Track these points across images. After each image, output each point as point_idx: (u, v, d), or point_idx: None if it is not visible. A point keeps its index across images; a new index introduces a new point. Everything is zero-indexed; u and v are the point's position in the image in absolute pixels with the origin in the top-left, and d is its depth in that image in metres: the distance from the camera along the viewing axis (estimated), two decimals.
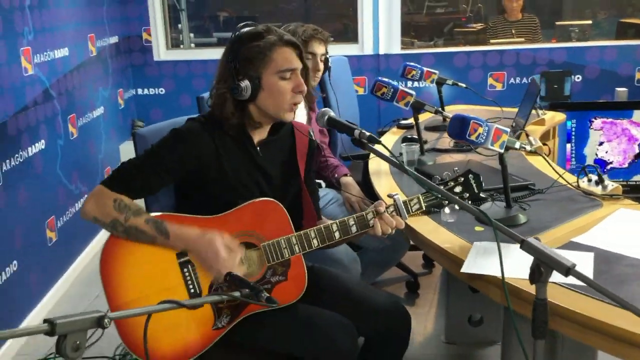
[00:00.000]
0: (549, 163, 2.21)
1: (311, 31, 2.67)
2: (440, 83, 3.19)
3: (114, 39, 4.54)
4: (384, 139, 3.15)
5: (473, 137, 1.84)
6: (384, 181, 2.43)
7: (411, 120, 3.07)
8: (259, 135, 1.89)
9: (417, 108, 2.60)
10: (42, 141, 3.31)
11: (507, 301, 1.43)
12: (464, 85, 3.25)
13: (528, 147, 1.99)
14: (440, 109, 2.64)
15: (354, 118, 3.56)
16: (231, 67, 1.77)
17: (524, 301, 1.52)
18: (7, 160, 2.93)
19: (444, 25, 5.53)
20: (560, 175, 2.19)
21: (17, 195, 3.00)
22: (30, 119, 3.17)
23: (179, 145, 1.75)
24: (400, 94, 2.58)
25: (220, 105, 1.79)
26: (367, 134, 1.67)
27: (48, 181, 3.31)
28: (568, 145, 3.62)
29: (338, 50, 4.93)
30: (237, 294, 1.43)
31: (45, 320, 1.03)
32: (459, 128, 1.84)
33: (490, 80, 4.90)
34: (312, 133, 2.01)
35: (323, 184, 2.86)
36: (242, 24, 1.83)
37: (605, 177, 2.16)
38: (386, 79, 2.64)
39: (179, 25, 5.29)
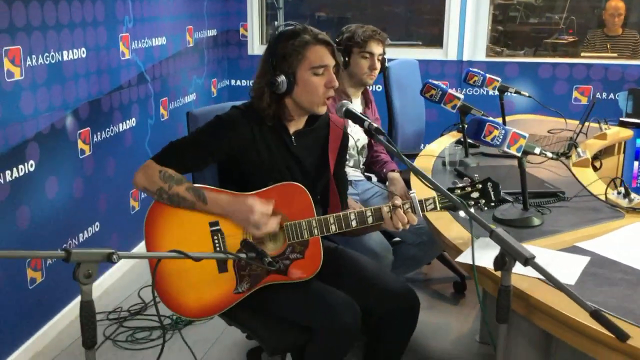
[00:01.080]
0: (572, 174, 2.27)
1: (370, 32, 2.84)
2: (502, 91, 3.26)
3: (212, 32, 4.90)
4: (441, 140, 3.27)
5: (488, 139, 1.95)
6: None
7: None
8: (295, 126, 2.09)
9: (464, 112, 2.70)
10: (134, 119, 3.69)
11: (477, 288, 1.55)
12: (526, 94, 3.30)
13: (549, 154, 2.07)
14: (485, 113, 2.72)
15: (417, 119, 3.69)
16: (269, 63, 1.98)
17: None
18: (99, 132, 3.31)
19: (536, 36, 5.50)
20: (584, 187, 2.24)
21: (106, 165, 3.38)
22: (123, 98, 3.55)
23: (219, 130, 1.99)
24: (448, 97, 2.71)
25: (259, 98, 2.00)
26: (375, 125, 1.83)
27: (136, 155, 3.68)
28: (636, 163, 3.58)
29: (422, 55, 5.06)
30: (243, 255, 1.66)
31: (62, 249, 1.29)
32: (475, 129, 1.96)
33: (575, 94, 4.84)
34: (346, 127, 2.18)
35: (374, 178, 3.03)
36: (282, 23, 2.05)
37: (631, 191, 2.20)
38: (436, 82, 2.76)
39: (275, 22, 5.59)
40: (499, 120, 3.38)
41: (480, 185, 1.95)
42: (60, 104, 2.94)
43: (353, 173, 2.90)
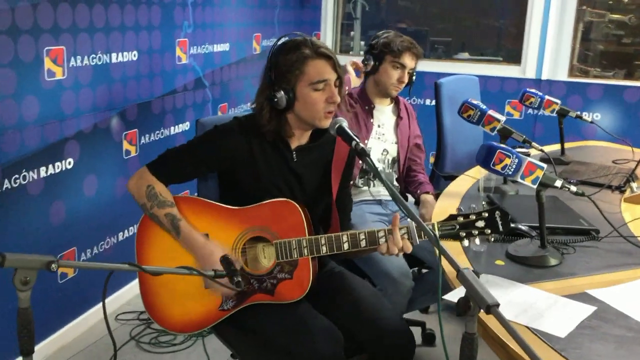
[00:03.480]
0: (603, 215, 2.03)
1: (408, 44, 2.71)
2: (562, 114, 3.02)
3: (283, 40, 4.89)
4: None
5: (498, 167, 1.79)
6: (446, 202, 2.41)
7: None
8: (298, 141, 2.00)
9: (505, 135, 2.52)
10: (187, 123, 3.73)
11: (441, 331, 1.40)
12: (589, 119, 3.04)
13: (573, 189, 1.87)
14: (527, 138, 2.52)
15: (473, 140, 3.49)
16: (269, 77, 1.91)
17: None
18: (147, 134, 3.37)
19: (628, 56, 5.10)
20: (615, 229, 2.00)
21: None
22: (177, 102, 3.59)
23: (215, 140, 1.94)
24: (487, 118, 2.53)
25: (260, 112, 1.94)
26: (361, 146, 1.72)
27: None
28: None
29: (499, 72, 4.83)
30: (210, 273, 1.59)
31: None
32: (484, 156, 1.80)
33: None
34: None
35: (411, 199, 2.89)
36: (283, 35, 1.97)
37: None
38: (476, 102, 2.59)
39: (352, 33, 5.52)
40: (558, 145, 3.17)
41: (487, 214, 1.79)
42: (105, 105, 3.01)
43: (384, 192, 2.78)
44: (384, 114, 2.82)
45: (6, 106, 2.46)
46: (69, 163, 2.83)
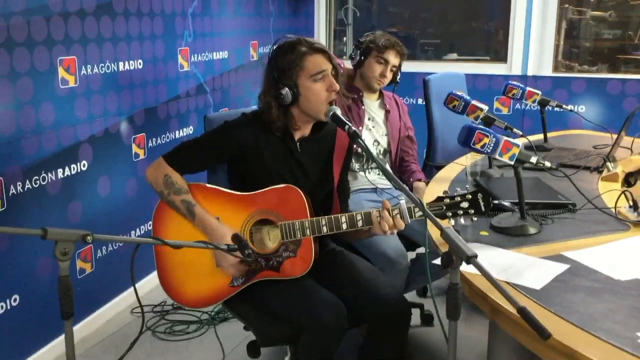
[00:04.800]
0: (576, 188, 2.23)
1: (393, 42, 2.93)
2: (543, 104, 3.22)
3: None
4: None
5: (478, 146, 1.98)
6: (436, 186, 2.60)
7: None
8: (301, 133, 2.20)
9: (488, 123, 2.71)
10: (191, 127, 3.93)
11: (429, 288, 1.59)
12: (569, 108, 3.24)
13: (547, 164, 2.06)
14: (509, 125, 2.71)
15: (458, 129, 3.68)
16: (272, 77, 2.11)
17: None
18: (154, 138, 3.57)
19: (609, 52, 5.32)
20: (589, 201, 2.20)
21: None
22: (180, 107, 3.79)
23: (225, 134, 2.14)
24: (471, 108, 2.73)
25: (267, 111, 2.13)
26: (353, 129, 1.91)
27: None
28: None
29: (486, 70, 5.04)
30: (223, 246, 1.78)
31: (41, 228, 1.46)
32: (465, 136, 2.00)
33: None
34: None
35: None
36: (278, 38, 2.17)
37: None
38: (460, 93, 2.79)
39: (344, 38, 5.74)
40: (541, 134, 3.37)
41: (470, 196, 1.98)
42: (114, 110, 3.21)
43: (380, 180, 2.97)
44: (373, 107, 3.03)
45: (25, 112, 2.65)
46: (84, 165, 3.02)
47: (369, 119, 3.00)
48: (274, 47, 2.14)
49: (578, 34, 5.36)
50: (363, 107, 2.99)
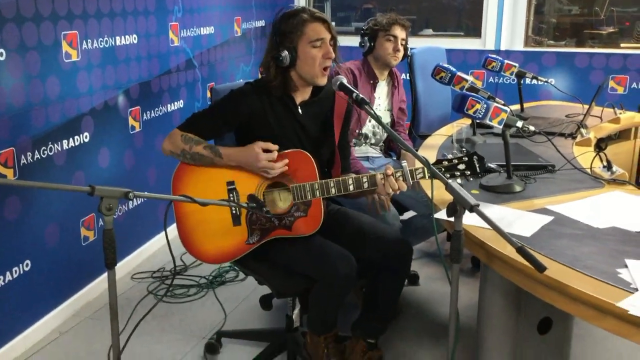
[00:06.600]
0: (557, 150, 2.46)
1: (394, 18, 3.11)
2: (519, 76, 3.44)
3: (260, 23, 5.23)
4: (460, 121, 3.48)
5: (470, 112, 2.18)
6: (425, 153, 2.80)
7: None
8: (302, 97, 2.37)
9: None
10: (181, 101, 4.05)
11: (436, 238, 1.79)
12: (543, 79, 3.47)
13: (532, 128, 2.27)
14: (491, 95, 2.92)
15: (443, 104, 3.90)
16: (274, 40, 2.27)
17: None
18: (148, 111, 3.69)
19: (576, 27, 5.58)
20: (568, 161, 2.43)
21: (154, 141, 3.74)
22: (172, 82, 3.91)
23: (232, 101, 2.30)
24: (457, 79, 2.93)
25: (267, 71, 2.30)
26: (361, 96, 2.09)
27: None
28: None
29: (461, 45, 5.25)
30: (244, 204, 1.96)
31: (89, 185, 1.61)
32: (459, 103, 2.19)
33: (612, 83, 4.92)
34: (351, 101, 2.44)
35: (394, 156, 3.29)
36: (282, 7, 2.33)
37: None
38: (447, 65, 2.99)
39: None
40: (518, 105, 3.59)
41: (467, 159, 2.17)
42: (113, 84, 3.32)
43: (372, 150, 3.16)
44: (382, 86, 3.22)
45: (34, 85, 2.76)
46: (86, 137, 3.14)
47: (377, 97, 3.19)
48: (279, 14, 2.30)
49: (547, 11, 5.60)
50: (374, 94, 3.17)
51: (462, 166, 2.17)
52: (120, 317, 1.81)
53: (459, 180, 2.22)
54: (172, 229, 2.30)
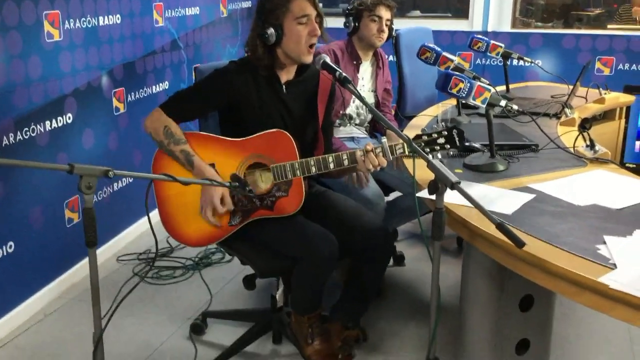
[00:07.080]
0: (540, 129, 2.47)
1: None
2: (505, 57, 3.43)
3: (247, 4, 5.19)
4: (445, 102, 3.48)
5: (454, 91, 2.18)
6: (410, 132, 2.79)
7: None
8: (286, 76, 2.36)
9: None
10: (167, 82, 4.02)
11: (418, 216, 1.80)
12: (529, 60, 3.46)
13: (515, 107, 2.27)
14: (477, 75, 2.91)
15: (430, 85, 3.88)
16: (260, 18, 2.25)
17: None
18: (133, 93, 3.66)
19: (565, 7, 5.59)
20: (552, 140, 2.44)
21: (139, 122, 3.70)
22: (157, 63, 3.88)
23: (216, 80, 2.28)
24: (442, 59, 2.92)
25: (254, 50, 2.28)
26: (344, 75, 2.08)
27: None
28: None
29: (449, 26, 5.23)
30: (226, 183, 1.94)
31: (68, 164, 1.60)
32: (443, 82, 2.19)
33: (598, 65, 4.93)
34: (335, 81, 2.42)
35: (379, 136, 3.28)
36: None
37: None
38: (432, 45, 2.98)
39: None
40: (504, 86, 3.59)
41: (447, 133, 2.17)
42: (96, 65, 3.29)
43: (356, 131, 3.16)
44: (367, 66, 3.20)
45: (15, 65, 2.73)
46: (69, 118, 3.11)
47: (361, 78, 3.17)
48: None
49: None
50: (358, 75, 3.15)
51: (441, 140, 2.17)
52: (105, 298, 1.80)
53: (439, 155, 2.22)
54: (156, 211, 2.31)
